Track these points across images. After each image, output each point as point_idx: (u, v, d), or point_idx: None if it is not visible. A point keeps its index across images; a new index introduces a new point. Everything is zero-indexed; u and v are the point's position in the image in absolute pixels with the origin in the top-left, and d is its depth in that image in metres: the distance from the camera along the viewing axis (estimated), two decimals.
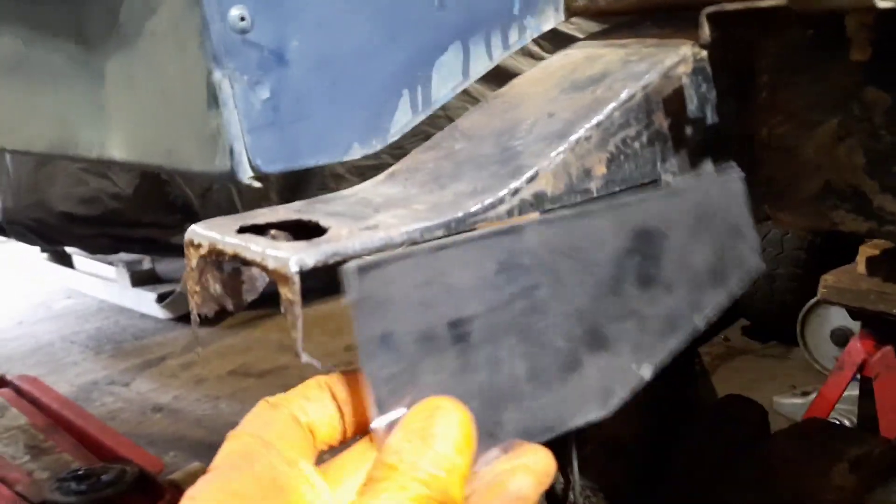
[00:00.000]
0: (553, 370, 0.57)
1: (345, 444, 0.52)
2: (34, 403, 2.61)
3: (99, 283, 4.61)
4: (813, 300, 2.88)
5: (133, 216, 3.05)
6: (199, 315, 0.61)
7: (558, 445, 1.43)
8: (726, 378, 3.00)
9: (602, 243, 0.60)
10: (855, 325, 2.40)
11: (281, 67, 0.67)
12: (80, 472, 2.20)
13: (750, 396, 1.49)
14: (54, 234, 3.28)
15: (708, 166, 0.74)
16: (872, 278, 2.01)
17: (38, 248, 4.66)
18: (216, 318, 0.63)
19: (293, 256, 0.51)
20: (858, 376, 2.21)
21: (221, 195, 2.86)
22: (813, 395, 2.45)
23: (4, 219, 3.17)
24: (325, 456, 0.52)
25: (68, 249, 4.59)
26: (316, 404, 0.51)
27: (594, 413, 0.59)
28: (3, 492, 2.16)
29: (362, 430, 0.51)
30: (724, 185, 0.68)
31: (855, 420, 2.28)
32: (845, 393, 2.25)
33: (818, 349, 3.02)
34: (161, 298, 4.19)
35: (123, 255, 4.22)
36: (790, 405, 2.70)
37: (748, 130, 0.78)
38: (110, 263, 4.46)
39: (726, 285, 0.67)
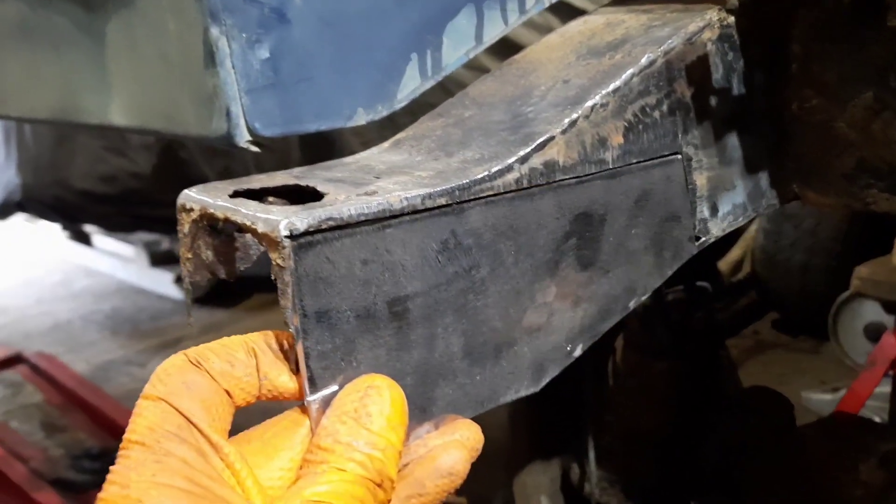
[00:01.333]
0: (488, 348, 0.57)
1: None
2: (50, 381, 2.63)
3: (117, 262, 4.62)
4: (846, 293, 2.79)
5: (152, 195, 3.04)
6: (192, 284, 0.59)
7: (574, 436, 1.40)
8: (755, 372, 2.93)
9: (542, 226, 0.60)
10: (889, 320, 2.33)
11: (282, 26, 0.64)
12: (94, 451, 2.22)
13: (779, 391, 1.44)
14: (74, 211, 3.27)
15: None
16: None
17: (58, 226, 4.67)
18: (236, 300, 0.61)
19: (283, 220, 0.49)
20: (891, 373, 2.14)
21: (241, 175, 2.84)
22: (843, 392, 2.39)
23: (24, 195, 3.17)
24: None
25: (87, 228, 4.60)
26: (239, 370, 0.49)
27: (525, 389, 0.60)
28: (18, 468, 2.18)
29: (275, 396, 0.50)
30: (666, 170, 0.67)
31: (886, 418, 2.23)
32: (877, 389, 2.20)
33: (850, 344, 2.93)
34: (179, 279, 4.19)
35: (142, 235, 4.23)
36: (819, 401, 2.63)
37: (777, 103, 0.75)
38: (129, 243, 4.47)
39: (661, 269, 0.67)
